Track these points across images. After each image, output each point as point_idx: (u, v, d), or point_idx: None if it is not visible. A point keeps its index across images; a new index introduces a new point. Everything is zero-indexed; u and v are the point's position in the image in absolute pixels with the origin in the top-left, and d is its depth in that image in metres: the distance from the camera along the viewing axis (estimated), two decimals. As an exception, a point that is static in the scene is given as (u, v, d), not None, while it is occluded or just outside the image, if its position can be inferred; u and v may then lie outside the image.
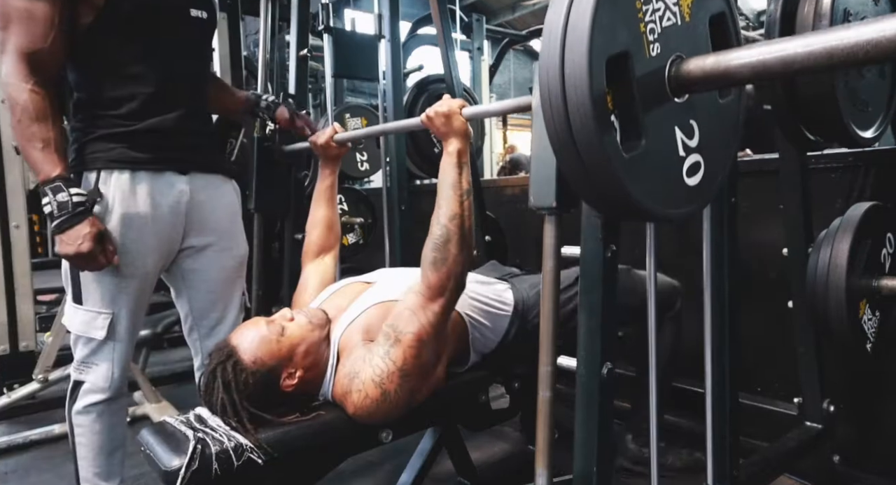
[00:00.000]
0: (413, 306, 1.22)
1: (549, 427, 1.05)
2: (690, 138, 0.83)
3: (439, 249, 1.21)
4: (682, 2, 0.81)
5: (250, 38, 3.74)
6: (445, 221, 1.22)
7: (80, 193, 1.32)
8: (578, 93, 0.70)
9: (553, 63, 0.72)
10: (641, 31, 0.76)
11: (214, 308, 1.65)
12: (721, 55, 0.74)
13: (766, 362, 1.88)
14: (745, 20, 5.90)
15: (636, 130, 0.75)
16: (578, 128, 0.72)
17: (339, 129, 1.74)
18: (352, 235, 3.01)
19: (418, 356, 1.20)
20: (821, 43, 0.63)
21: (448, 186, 1.26)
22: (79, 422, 1.50)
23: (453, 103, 1.31)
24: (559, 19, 0.72)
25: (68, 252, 1.31)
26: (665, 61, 0.78)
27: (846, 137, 1.23)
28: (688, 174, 0.83)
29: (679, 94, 0.80)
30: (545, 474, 1.05)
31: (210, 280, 1.62)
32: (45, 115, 1.31)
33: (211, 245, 1.59)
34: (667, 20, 0.79)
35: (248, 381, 1.18)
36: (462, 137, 1.29)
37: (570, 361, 1.06)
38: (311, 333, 1.28)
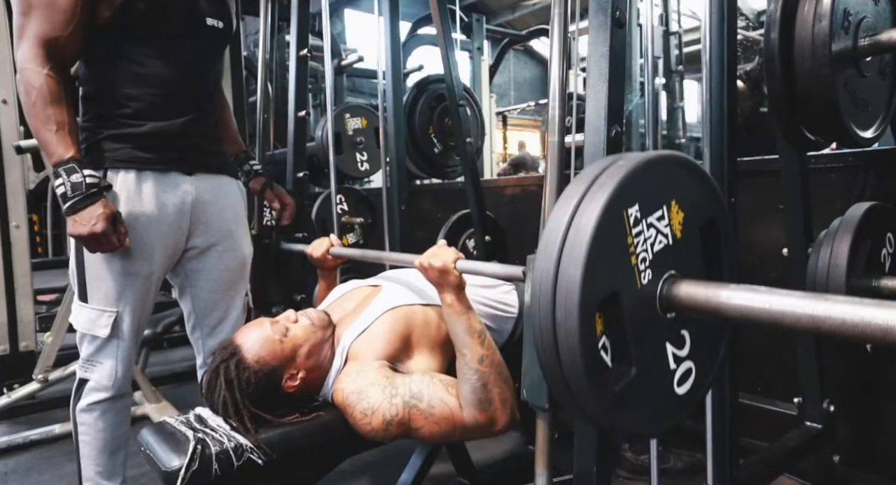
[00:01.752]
0: (455, 415, 1.17)
1: (549, 427, 1.05)
2: (681, 348, 0.81)
3: (481, 392, 1.18)
4: (673, 221, 0.79)
5: (250, 38, 3.74)
6: (476, 366, 1.19)
7: (93, 174, 1.33)
8: (568, 340, 0.69)
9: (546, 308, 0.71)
10: (633, 263, 0.74)
11: (217, 307, 1.65)
12: (711, 289, 0.72)
13: (766, 362, 1.88)
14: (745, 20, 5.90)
15: (626, 356, 0.74)
16: (568, 366, 0.70)
17: (336, 242, 1.72)
18: (352, 235, 3.01)
19: (431, 437, 1.20)
20: (809, 309, 0.62)
21: (462, 333, 1.22)
22: (83, 420, 1.50)
23: (447, 258, 1.25)
24: (550, 266, 0.70)
25: (82, 232, 1.31)
26: (657, 284, 0.76)
27: (846, 137, 1.23)
28: (678, 383, 0.82)
29: (669, 311, 0.78)
30: (545, 474, 1.05)
31: (213, 280, 1.62)
32: (60, 98, 1.33)
33: (215, 245, 1.60)
34: (658, 244, 0.76)
35: (250, 380, 1.18)
36: (456, 289, 1.25)
37: (570, 362, 1.06)
38: (314, 334, 1.28)
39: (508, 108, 10.51)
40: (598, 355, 0.71)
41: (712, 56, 1.16)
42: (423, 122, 3.01)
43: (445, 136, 3.05)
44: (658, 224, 0.76)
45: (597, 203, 0.69)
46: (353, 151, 3.17)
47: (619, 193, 0.70)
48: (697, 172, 0.83)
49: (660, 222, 0.77)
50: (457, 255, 1.26)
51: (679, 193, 0.79)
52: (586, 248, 0.67)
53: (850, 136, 1.23)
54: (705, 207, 0.84)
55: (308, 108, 2.53)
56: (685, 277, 0.78)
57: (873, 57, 1.23)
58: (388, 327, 1.29)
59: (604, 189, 0.70)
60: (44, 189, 3.28)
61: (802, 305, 0.63)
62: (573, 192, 0.72)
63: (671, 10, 4.94)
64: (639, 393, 0.75)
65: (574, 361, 0.69)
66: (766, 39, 1.19)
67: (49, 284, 3.57)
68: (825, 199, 1.69)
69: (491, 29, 6.26)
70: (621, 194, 0.70)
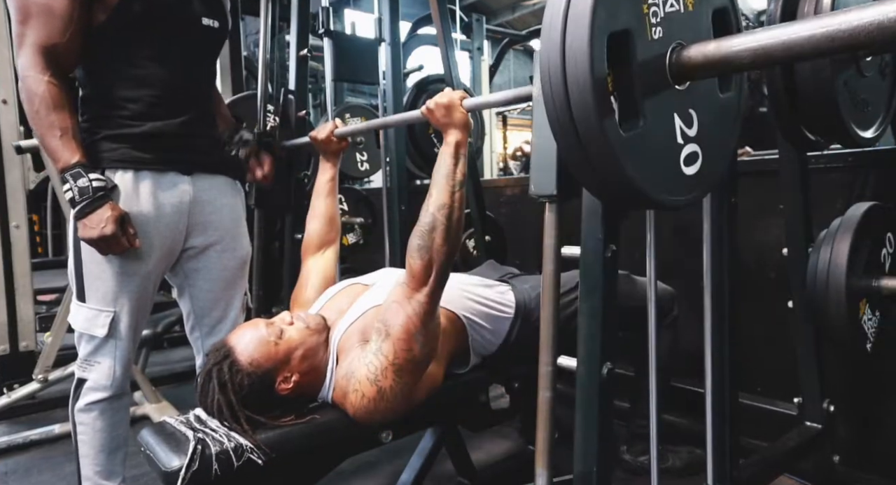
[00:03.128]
0: (399, 298, 1.21)
1: (549, 427, 1.05)
2: (689, 127, 0.83)
3: (423, 237, 1.20)
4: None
5: (250, 38, 3.74)
6: (433, 210, 1.22)
7: (99, 178, 1.35)
8: (579, 69, 0.71)
9: (554, 40, 0.72)
10: (644, 12, 0.76)
11: (216, 307, 1.65)
12: (723, 41, 0.74)
13: (766, 362, 1.88)
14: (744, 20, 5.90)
15: (635, 111, 0.75)
16: (578, 105, 0.72)
17: (340, 124, 1.75)
18: (352, 235, 3.01)
19: (409, 349, 1.18)
20: (822, 27, 0.62)
21: (442, 175, 1.25)
22: (81, 420, 1.50)
23: (454, 94, 1.31)
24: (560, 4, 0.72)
25: (92, 236, 1.33)
26: (666, 47, 0.78)
27: (846, 137, 1.23)
28: (685, 163, 0.84)
29: (679, 81, 0.80)
30: (545, 474, 1.05)
31: (212, 280, 1.62)
32: (63, 104, 1.34)
33: (214, 245, 1.60)
34: (670, 6, 0.79)
35: (243, 382, 1.17)
36: (462, 128, 1.29)
37: (570, 362, 1.06)
38: (309, 337, 1.27)
39: (508, 108, 10.50)
40: (607, 95, 0.72)
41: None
42: (423, 122, 3.01)
43: (445, 136, 3.04)
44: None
45: None
46: (353, 151, 3.17)
47: None
48: None
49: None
50: (462, 94, 1.31)
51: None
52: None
53: (850, 136, 1.23)
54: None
55: (308, 108, 2.53)
56: None
57: (873, 57, 1.23)
58: (371, 322, 1.29)
59: None
60: (44, 189, 3.28)
61: (812, 26, 0.63)
62: None
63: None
64: (647, 151, 0.76)
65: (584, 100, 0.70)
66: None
67: (49, 284, 3.56)
68: (825, 199, 1.69)
69: (491, 29, 6.26)
70: None
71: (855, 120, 1.22)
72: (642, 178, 0.77)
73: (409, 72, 4.24)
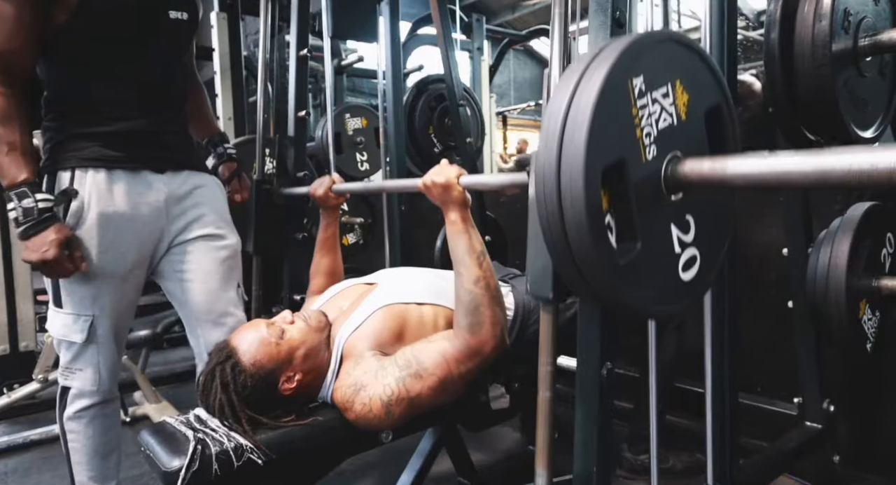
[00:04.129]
0: (447, 354, 1.20)
1: (549, 427, 1.05)
2: (686, 233, 0.82)
3: (471, 315, 1.19)
4: (679, 101, 0.79)
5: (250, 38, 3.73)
6: (471, 287, 1.20)
7: (46, 198, 1.30)
8: (574, 205, 0.69)
9: (550, 173, 0.70)
10: (638, 136, 0.73)
11: (213, 304, 1.59)
12: (717, 162, 0.72)
13: (766, 362, 1.88)
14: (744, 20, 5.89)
15: (631, 232, 0.74)
16: (574, 237, 0.70)
17: (338, 179, 1.72)
18: (352, 235, 3.01)
19: (434, 397, 1.20)
20: (817, 165, 0.62)
21: (462, 252, 1.23)
22: (70, 428, 1.47)
23: (450, 173, 1.26)
24: (556, 130, 0.70)
25: (32, 259, 1.29)
26: (661, 163, 0.76)
27: (846, 137, 1.22)
28: (683, 269, 0.82)
29: (675, 192, 0.78)
30: (545, 474, 1.05)
31: (204, 273, 1.56)
32: (11, 116, 1.28)
33: (198, 242, 1.55)
34: (663, 121, 0.76)
35: (246, 383, 1.17)
36: (460, 205, 1.26)
37: (570, 361, 1.06)
38: (310, 336, 1.27)
39: (508, 108, 10.50)
40: (604, 225, 0.71)
41: (712, 56, 1.16)
42: (423, 122, 3.01)
43: (445, 136, 3.04)
44: (663, 101, 0.76)
45: (601, 70, 0.69)
46: (353, 150, 3.17)
47: (623, 61, 0.69)
48: (702, 56, 0.82)
49: (665, 100, 0.76)
50: (459, 171, 1.27)
51: (684, 74, 0.79)
52: (591, 110, 0.67)
53: (850, 136, 1.22)
54: (710, 92, 0.83)
55: (308, 108, 2.53)
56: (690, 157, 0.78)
57: (873, 57, 1.23)
58: (381, 324, 1.29)
59: (608, 58, 0.69)
60: (44, 189, 3.27)
61: (807, 161, 0.63)
62: (578, 64, 0.72)
63: (671, 10, 4.94)
64: (644, 269, 0.75)
65: (580, 230, 0.69)
66: (766, 39, 1.19)
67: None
68: (825, 199, 1.69)
69: (491, 29, 6.25)
70: (626, 63, 0.70)
71: (855, 120, 1.22)
72: (640, 298, 0.76)
73: (409, 72, 4.25)
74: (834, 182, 0.61)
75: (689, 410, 1.68)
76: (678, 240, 0.81)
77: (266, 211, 2.22)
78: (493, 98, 6.52)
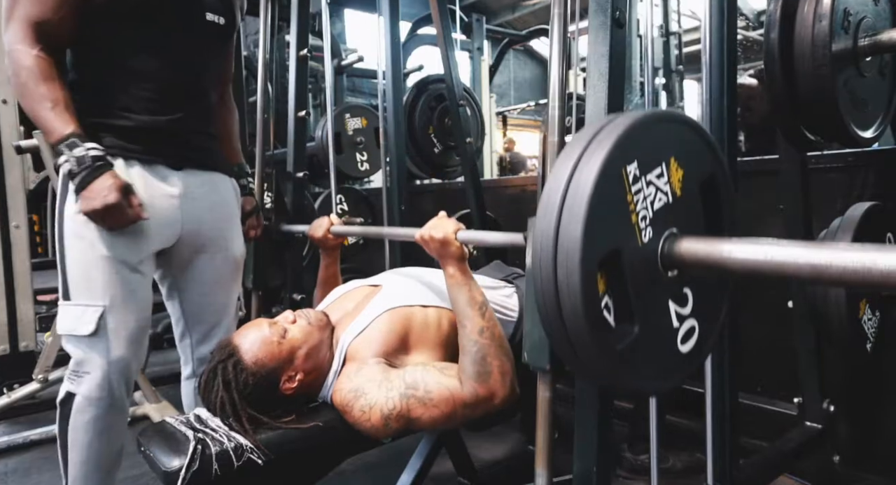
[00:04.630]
0: (455, 395, 1.17)
1: (549, 427, 1.05)
2: (684, 306, 0.81)
3: (480, 364, 1.18)
4: (673, 178, 0.78)
5: (250, 38, 3.73)
6: (476, 337, 1.19)
7: (96, 147, 1.27)
8: (571, 296, 0.68)
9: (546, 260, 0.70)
10: (633, 222, 0.73)
11: (209, 312, 1.56)
12: (713, 245, 0.72)
13: (766, 362, 1.88)
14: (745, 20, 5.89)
15: (629, 316, 0.73)
16: (571, 324, 0.70)
17: (336, 221, 1.70)
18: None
19: (433, 426, 1.21)
20: (813, 259, 0.62)
21: (463, 304, 1.23)
22: (74, 438, 1.35)
23: (448, 228, 1.25)
24: (552, 220, 0.69)
25: (95, 206, 1.24)
26: (657, 243, 0.76)
27: (846, 137, 1.23)
28: (682, 341, 0.81)
29: (671, 269, 0.77)
30: (545, 474, 1.04)
31: (204, 283, 1.53)
32: (53, 76, 1.27)
33: (206, 245, 1.51)
34: (658, 201, 0.76)
35: (248, 381, 1.18)
36: (458, 260, 1.25)
37: (570, 362, 1.06)
38: (312, 335, 1.27)
39: (508, 108, 10.50)
40: (601, 314, 0.71)
41: (712, 56, 1.16)
42: (423, 122, 3.01)
43: (445, 136, 3.05)
44: (657, 182, 0.76)
45: (595, 161, 0.68)
46: (353, 151, 3.17)
47: (617, 151, 0.69)
48: (696, 128, 0.82)
49: (659, 180, 0.76)
50: (457, 225, 1.26)
51: (678, 150, 0.79)
52: (586, 205, 0.67)
53: (850, 136, 1.23)
54: (704, 163, 0.83)
55: (308, 108, 2.53)
56: (686, 234, 0.77)
57: (873, 57, 1.23)
58: (387, 327, 1.29)
59: (602, 147, 0.69)
60: (44, 189, 3.27)
61: (804, 254, 0.62)
62: (571, 151, 0.72)
63: (671, 10, 4.94)
64: (642, 351, 0.75)
65: (577, 320, 0.69)
66: (766, 39, 1.19)
67: (49, 284, 3.55)
68: (825, 199, 1.69)
69: (491, 29, 6.26)
70: (619, 152, 0.70)
71: (855, 120, 1.22)
72: (638, 378, 0.76)
73: (409, 72, 4.25)
74: (828, 280, 0.61)
75: (689, 410, 1.68)
76: (676, 314, 0.80)
77: (265, 247, 2.23)
78: (493, 98, 6.52)
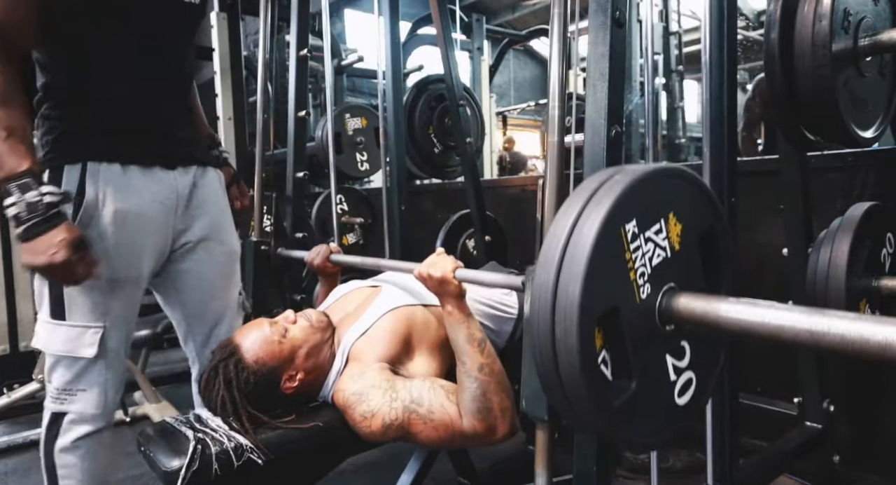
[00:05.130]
0: (455, 423, 1.17)
1: (550, 427, 1.05)
2: (681, 360, 0.81)
3: (480, 401, 1.17)
4: (671, 234, 0.78)
5: (250, 38, 3.73)
6: (476, 374, 1.19)
7: (52, 191, 1.12)
8: (569, 354, 0.68)
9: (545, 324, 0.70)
10: (632, 279, 0.73)
11: (210, 310, 1.50)
12: (710, 303, 0.72)
13: (766, 362, 1.88)
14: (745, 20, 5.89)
15: (626, 370, 0.73)
16: (568, 381, 0.70)
17: (336, 249, 1.71)
18: (352, 235, 3.01)
19: (429, 443, 1.21)
20: (811, 326, 0.62)
21: (463, 342, 1.22)
22: (64, 461, 1.26)
23: (446, 266, 1.24)
24: (549, 281, 0.70)
25: (38, 263, 1.10)
26: (655, 298, 0.76)
27: (846, 137, 1.23)
28: (679, 394, 0.81)
29: (668, 324, 0.77)
30: (545, 474, 1.04)
31: (203, 279, 1.47)
32: (11, 98, 1.12)
33: (203, 240, 1.45)
34: (657, 257, 0.76)
35: (248, 380, 1.18)
36: (457, 297, 1.24)
37: (570, 362, 1.06)
38: (312, 335, 1.28)
39: (508, 108, 10.50)
40: (599, 371, 0.71)
41: (712, 56, 1.16)
42: (423, 122, 3.02)
43: (445, 136, 3.05)
44: (656, 238, 0.76)
45: (594, 220, 0.69)
46: (353, 151, 3.17)
47: (616, 210, 0.69)
48: (695, 182, 0.82)
49: (658, 236, 0.76)
50: (455, 264, 1.25)
51: (677, 205, 0.79)
52: (584, 265, 0.67)
53: (850, 136, 1.23)
54: (703, 215, 0.83)
55: (308, 108, 2.53)
56: (684, 288, 0.77)
57: (873, 57, 1.23)
58: (390, 329, 1.29)
59: (601, 206, 0.70)
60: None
61: (801, 319, 0.63)
62: (571, 207, 0.72)
63: (671, 9, 4.94)
64: (640, 406, 0.75)
65: (574, 378, 0.69)
66: (766, 39, 1.19)
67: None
68: (825, 199, 1.69)
69: (491, 29, 6.26)
70: (618, 211, 0.70)
71: (855, 120, 1.22)
72: (635, 434, 0.76)
73: (409, 72, 4.25)
74: (826, 347, 0.61)
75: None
76: (674, 367, 0.80)
77: (264, 272, 2.21)
78: (493, 98, 6.53)
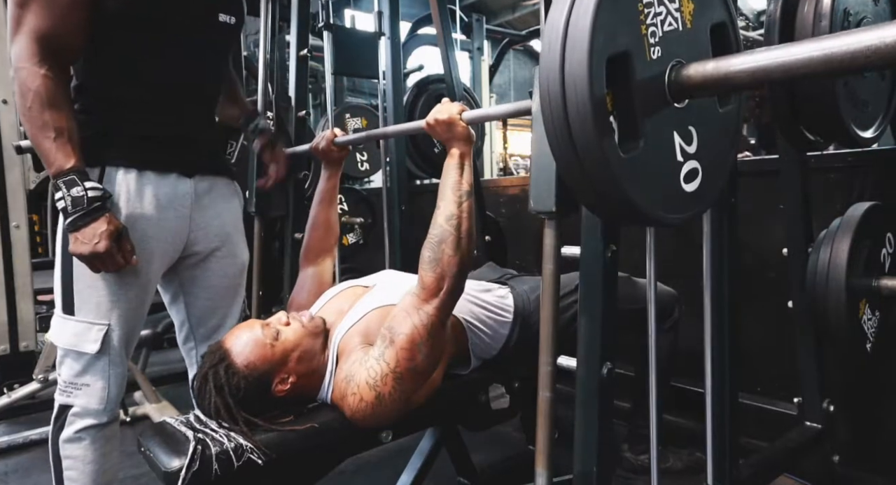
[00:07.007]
0: (408, 307, 1.20)
1: (549, 427, 1.05)
2: (689, 144, 0.83)
3: (433, 249, 1.20)
4: (684, 8, 0.81)
5: (250, 38, 3.73)
6: (442, 221, 1.22)
7: (95, 187, 1.23)
8: (578, 92, 0.71)
9: (553, 62, 0.73)
10: (643, 33, 0.76)
11: (213, 315, 1.56)
12: (721, 61, 0.74)
13: (766, 362, 1.88)
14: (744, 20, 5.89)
15: (634, 132, 0.75)
16: (577, 127, 0.72)
17: (339, 132, 1.71)
18: (352, 235, 3.02)
19: (411, 359, 1.17)
20: (820, 49, 0.63)
21: (448, 187, 1.25)
22: (68, 452, 1.33)
23: (453, 109, 1.29)
24: (560, 17, 0.73)
25: (83, 252, 1.22)
26: (665, 66, 0.78)
27: (846, 137, 1.23)
28: (685, 180, 0.84)
29: (679, 99, 0.80)
30: (545, 474, 1.05)
31: (210, 287, 1.53)
32: (60, 102, 1.22)
33: (214, 251, 1.51)
34: (668, 25, 0.79)
35: (239, 385, 1.16)
36: (464, 141, 1.28)
37: (570, 361, 1.06)
38: (305, 339, 1.26)
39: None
40: (607, 116, 0.72)
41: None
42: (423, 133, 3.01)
43: (445, 136, 3.04)
44: (668, 4, 0.78)
45: None
46: (354, 151, 3.17)
47: None
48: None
49: (670, 4, 0.79)
50: (461, 107, 1.30)
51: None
52: None
53: (850, 136, 1.23)
54: (715, 8, 0.86)
55: (308, 108, 2.53)
56: None
57: (873, 57, 1.23)
58: (375, 323, 1.28)
59: None
60: (44, 189, 3.27)
61: (810, 48, 0.64)
62: None
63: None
64: (647, 169, 0.77)
65: (583, 119, 0.71)
66: (766, 39, 1.19)
67: (49, 284, 3.54)
68: (825, 199, 1.69)
69: (491, 29, 6.26)
70: None
71: (855, 120, 1.22)
72: (642, 198, 0.77)
73: (409, 72, 4.25)
74: (839, 64, 0.62)
75: (689, 410, 1.68)
76: (680, 149, 0.82)
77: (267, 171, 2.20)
78: (493, 98, 6.53)
